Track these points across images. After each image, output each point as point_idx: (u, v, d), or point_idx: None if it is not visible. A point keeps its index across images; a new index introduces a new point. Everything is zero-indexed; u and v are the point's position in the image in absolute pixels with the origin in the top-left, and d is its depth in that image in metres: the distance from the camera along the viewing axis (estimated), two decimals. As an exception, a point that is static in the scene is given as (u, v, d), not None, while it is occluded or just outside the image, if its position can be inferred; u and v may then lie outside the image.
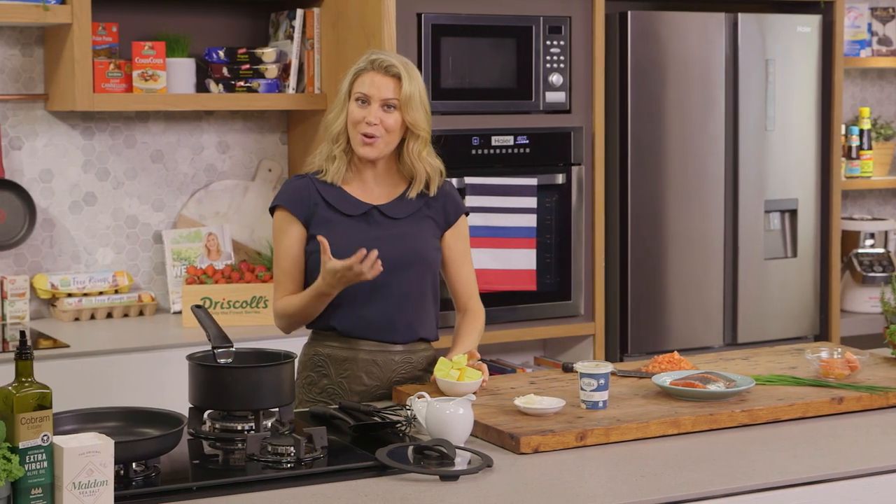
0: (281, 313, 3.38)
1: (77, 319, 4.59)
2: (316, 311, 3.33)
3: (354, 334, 3.34)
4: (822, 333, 5.42)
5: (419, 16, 4.58)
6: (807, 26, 5.28)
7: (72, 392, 3.97)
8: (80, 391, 4.01)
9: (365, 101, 3.30)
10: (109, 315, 4.64)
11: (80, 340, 4.27)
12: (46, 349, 4.13)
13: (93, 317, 4.61)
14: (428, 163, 3.38)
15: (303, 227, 3.36)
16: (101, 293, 4.65)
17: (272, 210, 3.41)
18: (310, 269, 3.36)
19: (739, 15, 5.13)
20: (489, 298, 4.72)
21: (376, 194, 3.39)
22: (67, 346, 4.16)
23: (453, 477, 2.60)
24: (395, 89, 3.29)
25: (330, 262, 3.18)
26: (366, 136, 3.29)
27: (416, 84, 3.32)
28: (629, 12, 4.93)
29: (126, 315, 4.67)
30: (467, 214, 3.51)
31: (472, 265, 3.51)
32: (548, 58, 4.81)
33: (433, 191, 3.40)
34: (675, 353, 3.52)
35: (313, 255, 3.33)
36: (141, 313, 4.70)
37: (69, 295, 4.61)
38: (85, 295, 4.62)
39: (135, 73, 4.52)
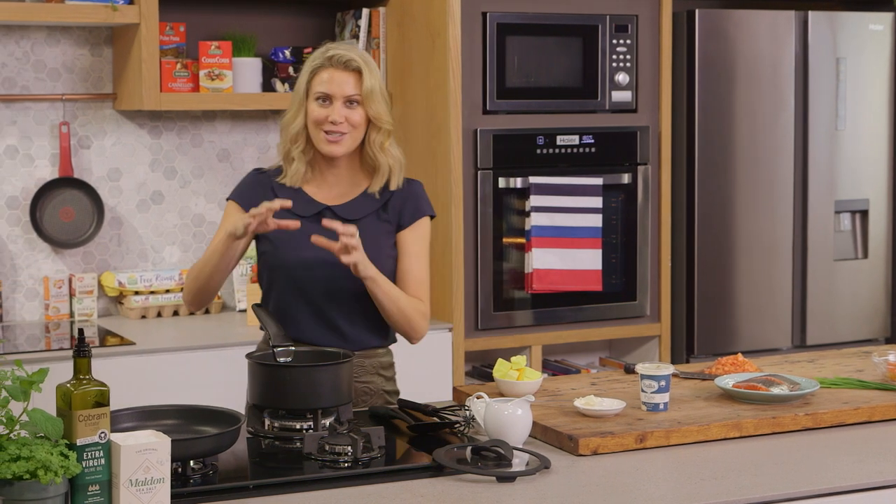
0: (190, 277, 3.24)
1: (143, 317, 4.63)
2: (224, 255, 3.16)
3: (304, 339, 3.19)
4: (893, 336, 5.33)
5: (484, 15, 4.57)
6: (879, 24, 5.20)
7: (137, 389, 4.02)
8: (145, 388, 4.06)
9: (326, 99, 3.17)
10: (175, 313, 4.68)
11: (146, 338, 4.30)
12: (113, 346, 4.17)
13: (159, 314, 4.65)
14: (391, 154, 3.25)
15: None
16: (167, 291, 4.68)
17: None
18: (259, 270, 3.28)
19: (810, 13, 5.07)
20: (555, 298, 4.72)
21: (334, 194, 3.26)
22: (133, 344, 4.19)
23: (510, 478, 2.58)
24: (357, 84, 3.16)
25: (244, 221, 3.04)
26: (330, 134, 3.18)
27: (376, 76, 3.19)
28: (697, 10, 4.89)
29: (192, 313, 4.70)
30: (433, 217, 3.33)
31: (425, 266, 3.29)
32: (614, 56, 4.78)
33: (394, 184, 3.26)
34: (739, 354, 3.48)
35: (263, 256, 3.25)
36: (206, 311, 4.73)
37: (136, 293, 4.65)
38: (152, 293, 4.66)
39: (201, 73, 4.54)
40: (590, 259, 4.73)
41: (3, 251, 4.59)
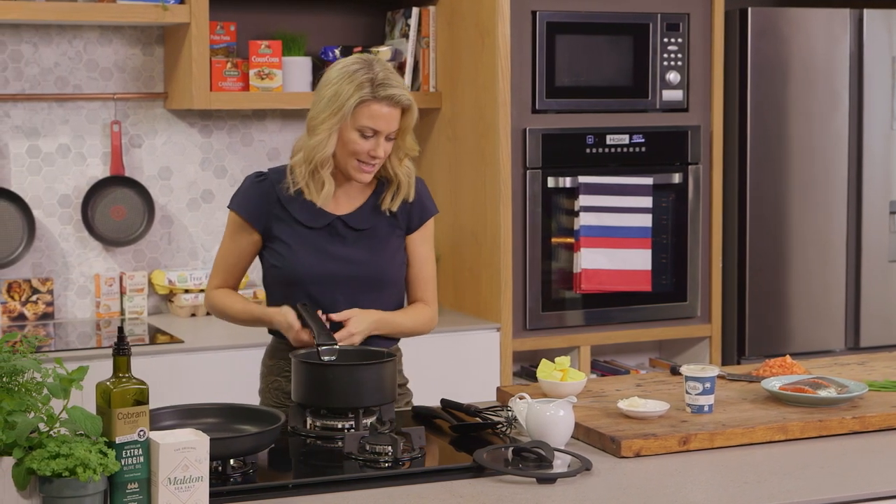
0: (216, 307, 3.29)
1: (193, 315, 4.65)
2: (252, 326, 3.31)
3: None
4: (949, 338, 5.26)
5: (534, 13, 4.55)
6: (936, 22, 5.13)
7: (185, 387, 4.04)
8: (193, 386, 4.08)
9: (372, 133, 3.09)
10: (225, 311, 4.69)
11: (195, 336, 4.32)
12: (162, 344, 4.19)
13: (209, 313, 4.66)
14: (406, 168, 3.22)
15: (258, 237, 3.21)
16: (217, 289, 4.70)
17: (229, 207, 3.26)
18: (267, 283, 3.25)
19: (865, 11, 5.00)
20: (604, 299, 4.70)
21: (340, 202, 3.21)
22: (182, 342, 4.21)
23: (550, 480, 2.56)
24: (399, 119, 3.11)
25: (296, 334, 3.09)
26: (365, 164, 3.12)
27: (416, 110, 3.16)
28: (749, 8, 4.84)
29: (241, 311, 4.71)
30: (436, 213, 3.33)
31: (433, 266, 3.32)
32: (665, 55, 4.74)
33: (411, 196, 3.23)
34: (787, 356, 3.44)
35: (272, 270, 3.20)
36: (256, 310, 4.74)
37: (186, 291, 4.67)
38: (201, 291, 4.68)
39: (251, 72, 4.56)
40: (639, 259, 4.70)
41: (55, 249, 4.63)
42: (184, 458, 2.31)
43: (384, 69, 3.12)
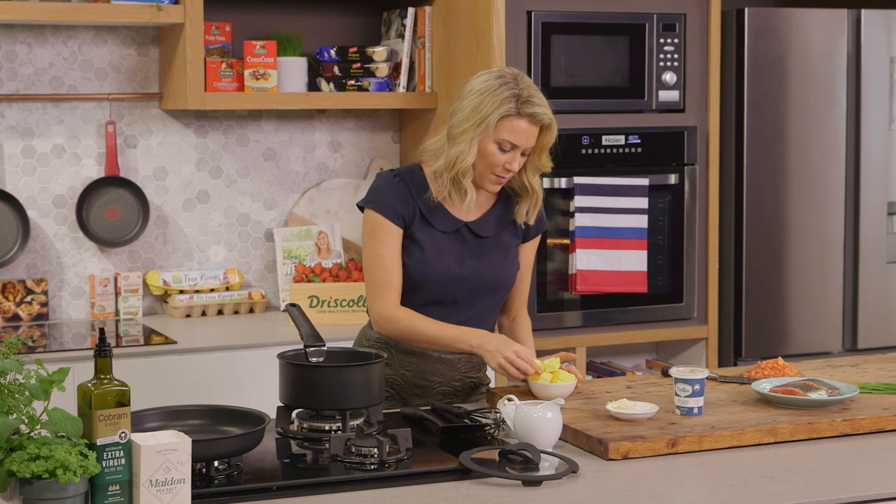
0: (405, 328, 3.25)
1: (188, 316, 4.64)
2: (439, 348, 3.28)
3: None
4: (947, 340, 5.24)
5: (529, 14, 4.54)
6: (934, 22, 5.11)
7: (178, 388, 4.03)
8: (186, 387, 4.07)
9: (511, 147, 3.19)
10: (220, 312, 4.69)
11: (190, 337, 4.31)
12: (154, 345, 4.18)
13: (204, 313, 4.66)
14: (538, 183, 3.33)
15: (402, 235, 3.28)
16: (212, 290, 4.70)
17: (362, 208, 3.32)
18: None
19: (863, 11, 4.98)
20: (601, 300, 4.68)
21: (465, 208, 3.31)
22: (175, 343, 4.20)
23: (536, 482, 2.55)
24: (536, 136, 3.20)
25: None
26: (500, 177, 3.23)
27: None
28: (746, 9, 4.83)
29: (236, 312, 4.71)
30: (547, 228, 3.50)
31: (531, 275, 3.49)
32: (661, 56, 4.73)
33: (532, 219, 3.35)
34: (780, 358, 3.42)
35: (405, 269, 3.28)
36: (251, 311, 4.74)
37: (181, 291, 4.66)
38: (196, 292, 4.67)
39: (246, 73, 4.55)
40: (635, 260, 4.68)
41: (49, 249, 4.63)
42: (165, 459, 2.30)
43: (528, 86, 3.21)
